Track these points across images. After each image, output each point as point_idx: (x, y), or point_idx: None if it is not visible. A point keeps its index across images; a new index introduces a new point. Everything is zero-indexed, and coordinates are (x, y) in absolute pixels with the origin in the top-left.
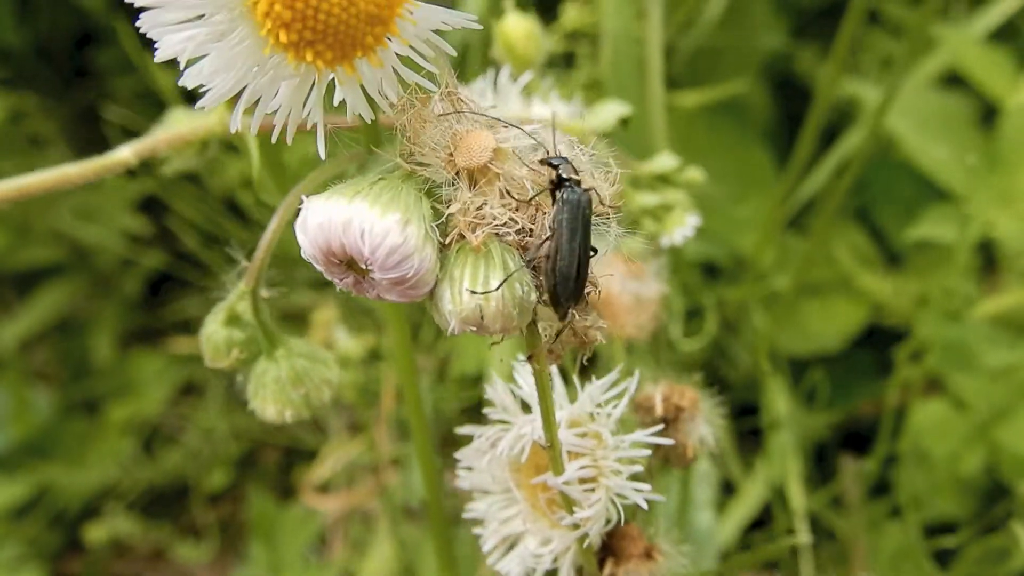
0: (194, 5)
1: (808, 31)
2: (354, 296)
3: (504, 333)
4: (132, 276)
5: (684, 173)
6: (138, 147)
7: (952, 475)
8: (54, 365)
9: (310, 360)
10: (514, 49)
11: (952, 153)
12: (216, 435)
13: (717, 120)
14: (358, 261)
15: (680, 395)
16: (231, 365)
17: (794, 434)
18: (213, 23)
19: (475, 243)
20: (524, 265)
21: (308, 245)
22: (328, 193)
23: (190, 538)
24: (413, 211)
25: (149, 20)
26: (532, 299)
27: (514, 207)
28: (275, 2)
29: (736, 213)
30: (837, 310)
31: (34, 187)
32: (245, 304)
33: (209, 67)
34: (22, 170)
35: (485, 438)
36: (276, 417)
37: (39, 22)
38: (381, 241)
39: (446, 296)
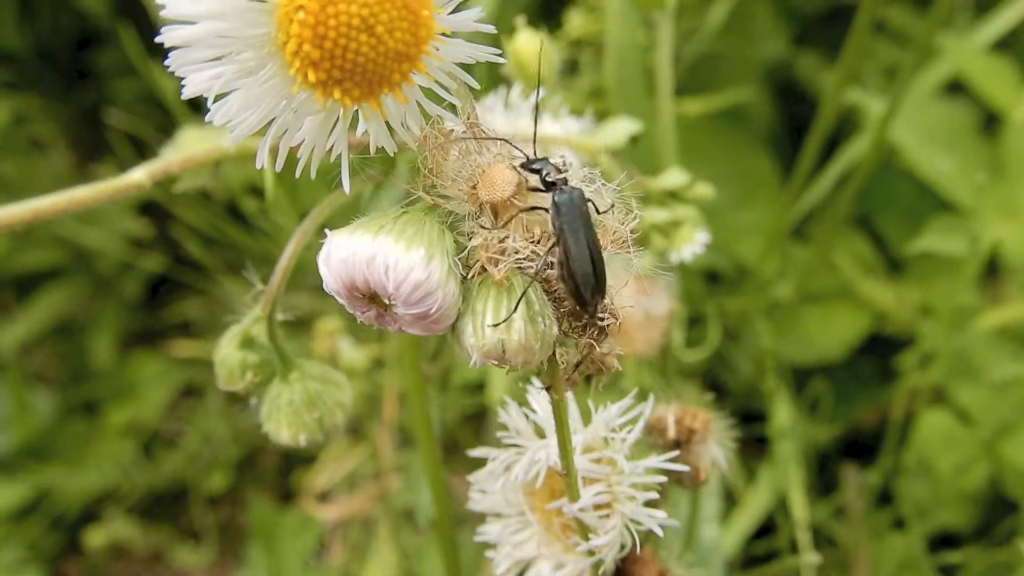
0: (222, 44)
1: (810, 37)
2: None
3: (525, 366)
4: (132, 278)
5: (693, 189)
6: (151, 169)
7: (956, 488)
8: (54, 367)
9: (323, 383)
10: (525, 67)
11: (956, 165)
12: (216, 438)
13: (719, 126)
14: (382, 296)
15: (692, 417)
16: (245, 387)
17: (797, 444)
18: (241, 60)
19: (498, 277)
20: (546, 297)
21: (331, 279)
22: (352, 227)
23: (189, 541)
24: (437, 246)
25: (177, 59)
26: (554, 332)
27: (536, 240)
28: (304, 41)
29: (738, 220)
30: (839, 318)
31: (46, 210)
32: (260, 328)
33: (237, 104)
34: (24, 172)
35: (499, 462)
36: (290, 440)
37: (41, 24)
38: (405, 277)
39: (468, 330)
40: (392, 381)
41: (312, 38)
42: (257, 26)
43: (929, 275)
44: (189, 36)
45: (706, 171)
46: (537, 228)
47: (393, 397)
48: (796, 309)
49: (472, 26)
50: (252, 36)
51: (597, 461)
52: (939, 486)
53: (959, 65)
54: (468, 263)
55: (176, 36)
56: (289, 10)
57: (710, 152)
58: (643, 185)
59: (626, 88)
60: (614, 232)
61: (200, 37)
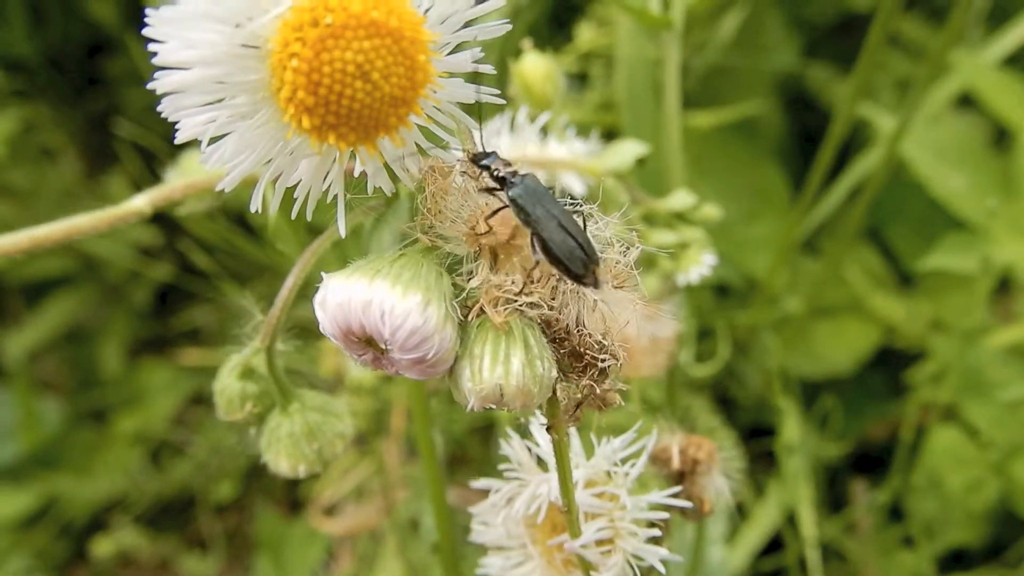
0: (216, 89)
1: (820, 48)
2: None
3: (524, 409)
4: (141, 286)
5: (700, 210)
6: (153, 196)
7: (966, 506)
8: (62, 375)
9: (323, 414)
10: (531, 89)
11: (967, 182)
12: (223, 447)
13: (729, 139)
14: (378, 341)
15: (697, 447)
16: (244, 418)
17: (806, 459)
18: (234, 105)
19: (498, 321)
20: (544, 340)
21: (327, 323)
22: (349, 271)
23: (197, 550)
24: (434, 290)
25: (170, 104)
26: (553, 375)
27: (535, 282)
28: (298, 88)
29: (748, 234)
30: (849, 332)
31: (44, 239)
32: (260, 359)
33: (231, 149)
34: (33, 181)
35: (501, 495)
36: (289, 471)
37: (51, 31)
38: (401, 323)
39: (466, 374)
40: (400, 395)
41: (306, 85)
42: (251, 72)
43: (940, 289)
44: (182, 82)
45: (716, 184)
46: (536, 270)
47: (401, 410)
48: (806, 323)
49: (470, 67)
50: (246, 82)
51: (600, 496)
52: (949, 504)
53: (970, 81)
54: (466, 304)
55: (169, 83)
56: (283, 57)
57: (720, 165)
58: (650, 207)
59: (636, 102)
60: (615, 267)
61: (193, 83)
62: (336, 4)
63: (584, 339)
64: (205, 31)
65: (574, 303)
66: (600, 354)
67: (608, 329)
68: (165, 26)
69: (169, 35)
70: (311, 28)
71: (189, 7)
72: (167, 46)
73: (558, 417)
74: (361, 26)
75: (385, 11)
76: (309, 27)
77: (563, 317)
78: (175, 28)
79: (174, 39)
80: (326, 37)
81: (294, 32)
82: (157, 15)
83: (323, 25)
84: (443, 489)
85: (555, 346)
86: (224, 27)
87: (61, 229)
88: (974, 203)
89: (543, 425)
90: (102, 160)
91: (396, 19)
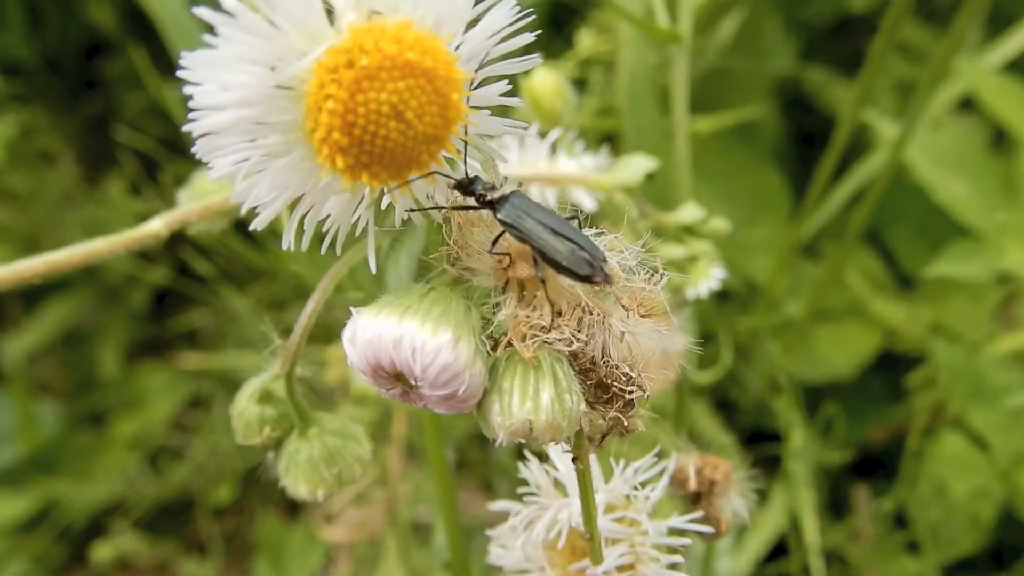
0: (250, 131)
1: (818, 49)
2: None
3: (553, 443)
4: (138, 289)
5: (709, 223)
6: (168, 219)
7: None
8: (61, 377)
9: (342, 438)
10: (541, 105)
11: (970, 187)
12: (222, 449)
13: (728, 142)
14: (408, 377)
15: (713, 468)
16: (263, 442)
17: (808, 465)
18: (267, 145)
19: (527, 355)
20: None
21: (357, 359)
22: (378, 307)
23: (195, 553)
24: (464, 326)
25: (205, 145)
26: (581, 408)
27: (563, 314)
28: (333, 129)
29: (748, 238)
30: (849, 337)
31: (62, 263)
32: (279, 384)
33: (265, 189)
34: (32, 184)
35: (520, 518)
36: (308, 496)
37: (48, 33)
38: (432, 360)
39: (495, 408)
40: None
41: (341, 126)
42: (285, 113)
43: (941, 293)
44: (217, 124)
45: (715, 188)
46: (564, 302)
47: (402, 416)
48: (806, 327)
49: (498, 100)
50: (280, 122)
51: (619, 521)
52: (954, 512)
53: (972, 86)
54: (494, 336)
55: (205, 125)
56: (318, 98)
57: (719, 168)
58: (658, 220)
59: (638, 109)
60: (641, 298)
61: (228, 125)
62: (372, 46)
63: (611, 370)
64: (241, 73)
65: (600, 333)
66: (628, 386)
67: (635, 360)
68: (202, 69)
69: (206, 78)
70: (346, 70)
71: (225, 50)
72: (203, 89)
73: (583, 448)
74: (396, 67)
75: (420, 51)
76: (344, 69)
77: (589, 348)
78: (212, 71)
79: (210, 82)
80: (361, 78)
81: (329, 74)
82: (193, 58)
83: (359, 66)
84: (455, 508)
85: (582, 377)
86: (259, 69)
87: (79, 253)
88: (976, 209)
89: (564, 451)
90: (100, 163)
91: (431, 59)
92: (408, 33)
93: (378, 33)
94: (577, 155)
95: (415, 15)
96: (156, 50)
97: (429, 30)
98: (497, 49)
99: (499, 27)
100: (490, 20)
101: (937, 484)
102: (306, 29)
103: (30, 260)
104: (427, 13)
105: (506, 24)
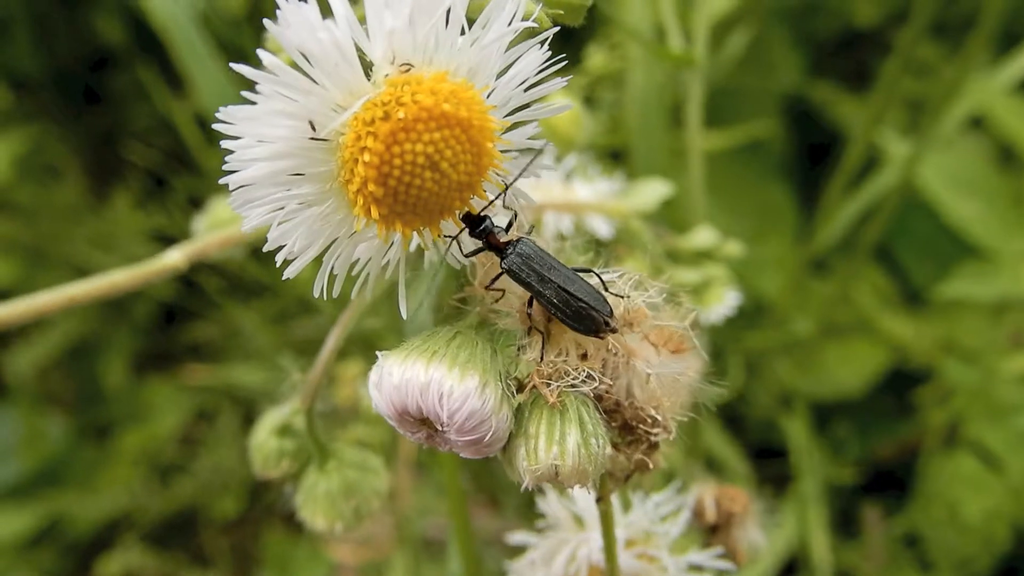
0: (285, 182)
1: (824, 64)
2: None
3: (579, 486)
4: (145, 302)
5: (723, 248)
6: (188, 251)
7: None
8: (67, 390)
9: (360, 471)
10: (557, 130)
11: (981, 208)
12: (227, 463)
13: (735, 158)
14: (434, 423)
15: (731, 500)
16: (281, 474)
17: (817, 482)
18: (302, 195)
19: (552, 401)
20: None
21: (383, 404)
22: (404, 351)
23: (200, 566)
24: (491, 371)
25: (240, 197)
26: (607, 452)
27: (588, 357)
28: (369, 181)
29: (756, 254)
30: (858, 353)
31: (82, 296)
32: (299, 418)
33: (300, 242)
34: (39, 199)
35: (539, 552)
36: (326, 529)
37: (57, 46)
38: (460, 406)
39: (520, 453)
40: None
41: (377, 177)
42: (320, 164)
43: (950, 310)
44: (254, 177)
45: (723, 203)
46: (590, 346)
47: None
48: (815, 343)
49: (526, 143)
50: (314, 173)
51: (639, 557)
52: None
53: (984, 106)
54: (519, 379)
55: (241, 178)
56: (354, 151)
57: (726, 184)
58: (673, 244)
59: (647, 128)
60: (670, 335)
61: (264, 177)
62: (408, 99)
63: (637, 412)
64: (278, 127)
65: (625, 374)
66: (653, 428)
67: (660, 402)
68: (240, 124)
69: (244, 132)
70: (383, 123)
71: (264, 106)
72: (241, 143)
73: (607, 490)
74: (432, 118)
75: (455, 103)
76: (381, 121)
77: (615, 390)
78: (250, 126)
79: (248, 136)
80: (398, 131)
81: (366, 126)
82: (232, 113)
83: (395, 119)
84: (471, 538)
85: (607, 418)
86: (297, 123)
87: (100, 286)
88: (987, 230)
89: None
90: (107, 177)
91: (466, 109)
92: (443, 85)
93: (414, 85)
94: (592, 180)
95: (450, 66)
96: (163, 64)
97: (464, 80)
98: (527, 96)
99: (530, 73)
100: (521, 67)
101: (950, 505)
102: (344, 83)
103: (51, 293)
104: (461, 64)
105: (536, 70)
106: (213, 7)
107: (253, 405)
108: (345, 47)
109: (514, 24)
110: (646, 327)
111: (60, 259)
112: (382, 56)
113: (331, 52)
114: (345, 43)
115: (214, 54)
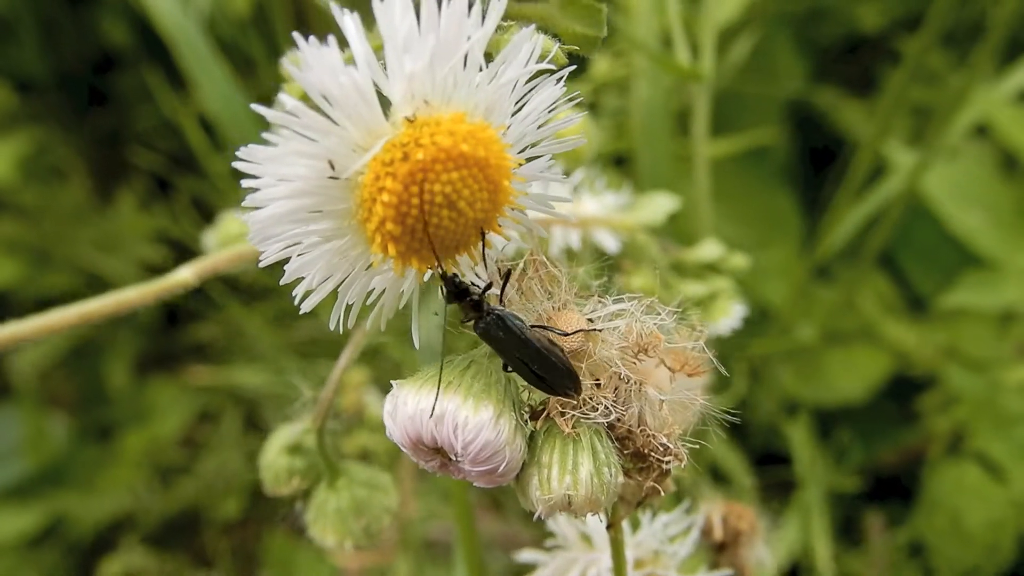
0: (303, 219)
1: (828, 70)
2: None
3: (592, 515)
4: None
5: (729, 261)
6: (198, 267)
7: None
8: (70, 391)
9: (370, 489)
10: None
11: (985, 217)
12: (230, 464)
13: (739, 163)
14: (448, 453)
15: (738, 517)
16: (291, 492)
17: (820, 489)
18: (319, 231)
19: (567, 430)
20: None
21: (397, 434)
22: (419, 382)
23: (203, 568)
24: (505, 401)
25: (259, 234)
26: (620, 480)
27: (601, 386)
28: (387, 220)
29: (759, 261)
30: (861, 360)
31: (94, 314)
32: (310, 437)
33: (318, 278)
34: (44, 201)
35: (548, 571)
36: (336, 546)
37: (62, 48)
38: (474, 437)
39: (533, 482)
40: None
41: (395, 216)
42: (339, 202)
43: (952, 317)
44: (273, 215)
45: (727, 210)
46: (603, 375)
47: None
48: (818, 350)
49: (541, 176)
50: (333, 211)
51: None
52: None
53: (988, 115)
54: (531, 407)
55: (261, 216)
56: (373, 191)
57: (730, 190)
58: (679, 257)
59: (652, 137)
60: (686, 358)
61: (283, 215)
62: (427, 140)
63: (648, 440)
64: (298, 166)
65: (637, 401)
66: (664, 456)
67: (672, 430)
68: (261, 164)
69: (264, 171)
70: (402, 163)
71: (285, 146)
72: (261, 182)
73: (619, 517)
74: (451, 159)
75: (473, 143)
76: (400, 162)
77: (626, 418)
78: (270, 166)
79: (268, 175)
80: (416, 171)
81: (385, 167)
82: (252, 153)
83: (414, 159)
84: (478, 547)
85: (618, 445)
86: (317, 163)
87: (111, 303)
88: (992, 239)
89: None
90: (111, 178)
91: (483, 149)
92: (461, 126)
93: (433, 126)
94: (599, 193)
95: (468, 106)
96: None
97: (481, 119)
98: (542, 132)
99: (544, 108)
100: (536, 103)
101: (953, 514)
102: (363, 124)
103: (63, 310)
104: (479, 103)
105: (551, 105)
106: (219, 9)
107: (256, 406)
108: (365, 90)
109: (530, 65)
110: (661, 352)
111: (64, 260)
112: (401, 97)
113: (352, 95)
114: (365, 86)
115: (219, 57)
